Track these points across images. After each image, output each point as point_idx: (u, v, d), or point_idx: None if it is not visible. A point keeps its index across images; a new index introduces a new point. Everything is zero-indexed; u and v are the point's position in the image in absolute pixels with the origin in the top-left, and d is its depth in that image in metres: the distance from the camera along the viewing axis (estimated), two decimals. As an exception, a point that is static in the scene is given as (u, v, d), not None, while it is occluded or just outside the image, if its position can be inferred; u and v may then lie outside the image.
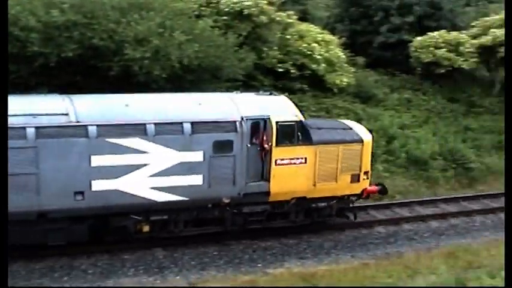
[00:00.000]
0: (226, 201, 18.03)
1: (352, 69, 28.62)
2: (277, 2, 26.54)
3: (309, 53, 26.31)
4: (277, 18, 25.79)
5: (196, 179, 17.35)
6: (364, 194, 20.05)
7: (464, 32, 31.76)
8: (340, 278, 16.36)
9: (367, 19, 33.12)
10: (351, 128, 20.13)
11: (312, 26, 28.70)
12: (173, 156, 17.02)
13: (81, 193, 16.26)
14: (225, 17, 24.50)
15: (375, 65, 31.86)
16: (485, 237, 20.53)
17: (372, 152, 20.27)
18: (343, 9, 34.78)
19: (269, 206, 18.87)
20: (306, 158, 18.63)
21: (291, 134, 18.36)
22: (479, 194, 24.72)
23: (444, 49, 29.85)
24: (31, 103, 16.31)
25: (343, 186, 19.47)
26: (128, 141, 16.51)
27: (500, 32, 29.88)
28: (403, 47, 31.45)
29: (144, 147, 16.72)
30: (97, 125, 16.19)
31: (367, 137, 19.89)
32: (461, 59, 29.98)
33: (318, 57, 26.38)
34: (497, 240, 19.85)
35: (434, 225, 21.53)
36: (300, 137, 18.44)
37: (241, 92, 19.93)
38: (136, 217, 17.38)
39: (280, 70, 25.77)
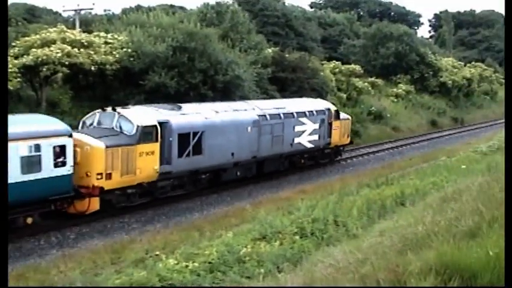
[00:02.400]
0: (321, 147, 38.13)
1: None
2: None
3: None
4: None
5: (316, 137, 37.20)
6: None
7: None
8: None
9: None
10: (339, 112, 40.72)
11: None
12: (311, 126, 36.49)
13: (291, 144, 35.06)
14: None
15: None
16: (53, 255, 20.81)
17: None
18: None
19: (330, 150, 39.66)
20: (338, 126, 39.43)
21: (337, 115, 39.45)
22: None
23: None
24: (270, 103, 35.68)
25: (346, 140, 41.42)
26: (303, 119, 35.83)
27: (42, 52, 30.45)
28: None
29: (306, 122, 36.03)
30: (296, 112, 35.43)
31: (349, 117, 42.71)
32: (4, 79, 29.51)
33: None
34: (65, 255, 20.33)
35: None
36: (338, 117, 39.43)
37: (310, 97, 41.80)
38: (299, 156, 36.59)
39: None
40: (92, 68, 32.38)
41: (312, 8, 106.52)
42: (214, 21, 45.65)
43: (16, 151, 20.51)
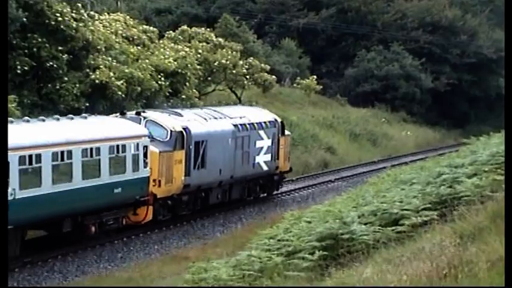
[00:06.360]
0: (271, 172, 31.50)
1: None
2: None
3: None
4: None
5: (269, 157, 31.16)
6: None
7: None
8: None
9: None
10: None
11: None
12: (267, 142, 31.05)
13: (253, 164, 30.20)
14: None
15: None
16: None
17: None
18: None
19: (278, 176, 32.65)
20: (284, 145, 32.23)
21: (282, 129, 32.39)
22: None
23: None
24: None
25: (287, 166, 33.24)
26: (261, 132, 30.53)
27: None
28: None
29: (263, 136, 30.53)
30: (257, 123, 30.42)
31: (289, 132, 34.85)
32: None
33: None
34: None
35: None
36: (283, 131, 32.46)
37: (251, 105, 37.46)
38: (255, 181, 31.43)
39: None
40: None
41: None
42: None
43: (129, 149, 21.41)
